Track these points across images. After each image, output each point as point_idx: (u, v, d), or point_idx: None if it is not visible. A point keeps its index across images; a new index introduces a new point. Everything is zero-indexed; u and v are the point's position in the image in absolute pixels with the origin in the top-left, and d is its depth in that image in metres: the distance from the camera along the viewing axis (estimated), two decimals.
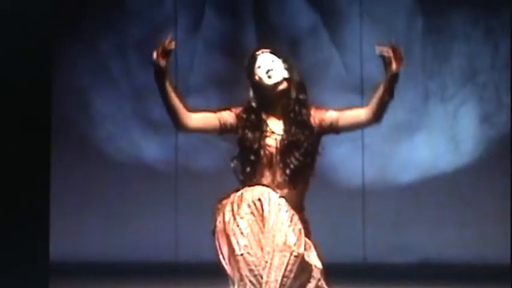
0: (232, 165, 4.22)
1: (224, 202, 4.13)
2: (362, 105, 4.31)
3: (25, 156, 3.13)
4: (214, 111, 4.20)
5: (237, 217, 4.04)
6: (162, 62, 4.07)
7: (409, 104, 7.13)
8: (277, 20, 7.32)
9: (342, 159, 7.17)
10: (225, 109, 4.25)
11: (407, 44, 7.06)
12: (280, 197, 4.04)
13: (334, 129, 4.27)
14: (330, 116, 4.27)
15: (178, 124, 4.24)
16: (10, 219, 3.08)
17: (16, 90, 3.14)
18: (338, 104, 6.76)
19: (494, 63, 7.17)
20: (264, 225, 4.02)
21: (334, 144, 6.43)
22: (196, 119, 4.27)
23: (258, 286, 3.95)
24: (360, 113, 4.28)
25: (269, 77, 4.20)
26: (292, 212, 4.02)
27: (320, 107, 4.30)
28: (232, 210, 4.06)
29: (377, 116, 4.22)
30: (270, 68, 4.19)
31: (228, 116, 4.22)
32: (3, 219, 3.08)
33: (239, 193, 4.08)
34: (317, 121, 4.28)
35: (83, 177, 7.50)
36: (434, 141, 7.17)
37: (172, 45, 4.08)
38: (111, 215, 7.46)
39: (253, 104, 4.25)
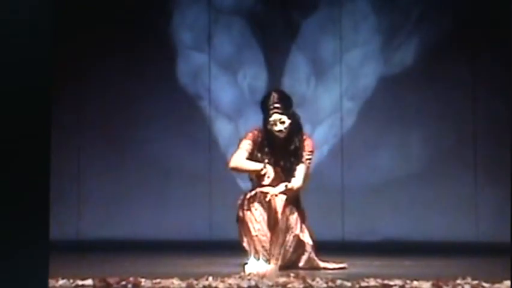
0: (250, 177, 4.81)
1: (244, 198, 4.67)
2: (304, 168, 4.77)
3: (25, 156, 2.90)
4: (246, 149, 4.73)
5: (253, 209, 4.56)
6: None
7: (375, 130, 7.64)
8: (281, 72, 7.72)
9: (326, 166, 7.40)
10: (248, 142, 4.76)
11: (373, 91, 7.74)
12: (283, 194, 4.60)
13: None
14: (305, 155, 4.76)
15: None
16: (10, 219, 2.87)
17: (16, 90, 2.90)
18: (321, 128, 7.64)
19: (435, 108, 7.64)
20: (271, 214, 4.55)
21: (321, 156, 7.32)
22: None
23: (267, 257, 4.49)
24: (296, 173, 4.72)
25: (278, 131, 4.72)
26: (291, 205, 4.60)
27: (309, 138, 4.86)
28: (250, 203, 4.60)
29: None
30: (279, 129, 4.68)
31: (249, 147, 4.73)
32: (3, 218, 2.88)
33: (254, 191, 4.65)
34: (304, 147, 4.78)
35: (141, 180, 7.60)
36: (392, 155, 7.61)
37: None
38: (158, 205, 7.62)
39: (264, 140, 4.79)
